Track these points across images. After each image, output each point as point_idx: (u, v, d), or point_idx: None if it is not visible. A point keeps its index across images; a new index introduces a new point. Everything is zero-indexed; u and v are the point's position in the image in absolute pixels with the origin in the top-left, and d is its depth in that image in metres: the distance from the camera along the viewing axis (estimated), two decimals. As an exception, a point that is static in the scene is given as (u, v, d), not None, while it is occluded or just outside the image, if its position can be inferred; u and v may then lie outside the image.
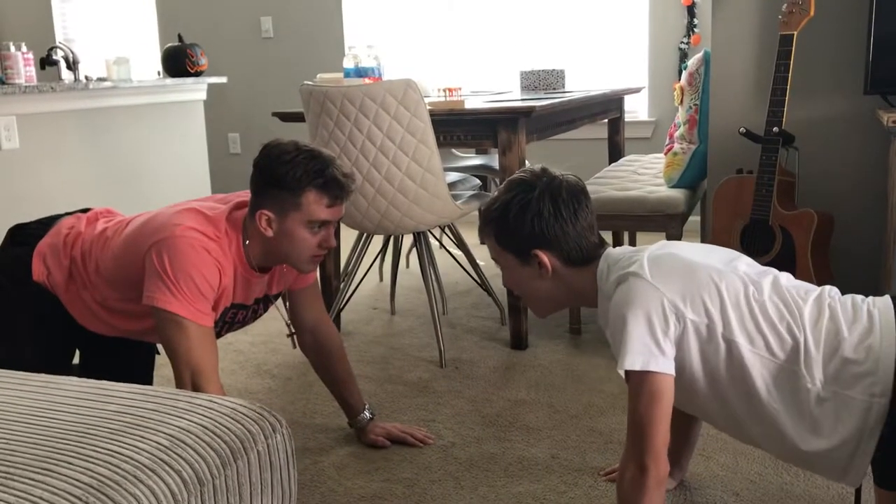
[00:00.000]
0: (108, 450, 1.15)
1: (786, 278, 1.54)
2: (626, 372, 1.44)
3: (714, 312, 1.45)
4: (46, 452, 1.14)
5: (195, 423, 1.25)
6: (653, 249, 1.57)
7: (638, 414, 1.44)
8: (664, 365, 1.43)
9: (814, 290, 1.51)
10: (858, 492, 1.67)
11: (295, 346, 2.27)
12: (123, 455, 1.14)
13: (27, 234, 2.08)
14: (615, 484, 1.89)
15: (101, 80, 3.80)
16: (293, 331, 2.23)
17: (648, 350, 1.42)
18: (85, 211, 2.15)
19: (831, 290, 1.51)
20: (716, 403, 1.51)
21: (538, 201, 1.59)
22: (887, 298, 1.48)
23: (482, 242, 1.72)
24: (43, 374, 1.45)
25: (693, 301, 1.45)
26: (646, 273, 1.48)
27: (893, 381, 1.35)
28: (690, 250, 1.59)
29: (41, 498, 1.04)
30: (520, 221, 1.60)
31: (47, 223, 2.09)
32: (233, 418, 1.29)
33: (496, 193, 1.68)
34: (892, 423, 1.36)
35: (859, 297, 1.50)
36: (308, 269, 2.01)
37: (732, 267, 1.53)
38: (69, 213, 2.13)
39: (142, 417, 1.25)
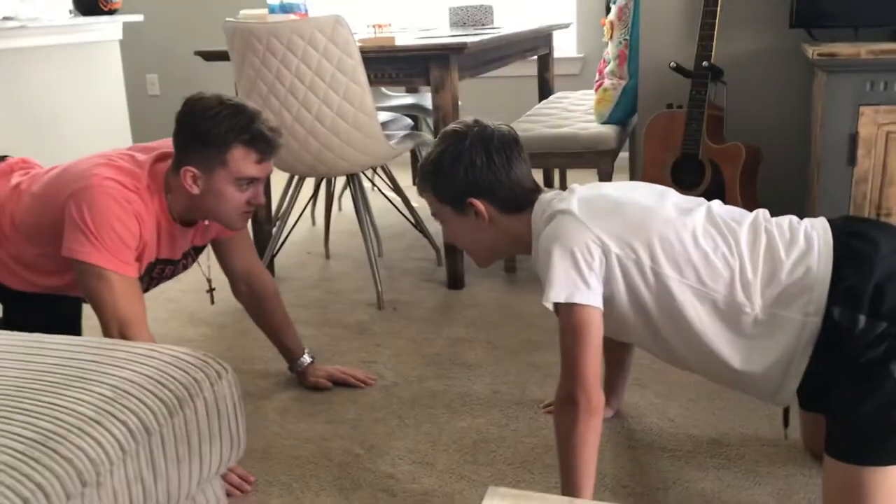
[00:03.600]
0: (50, 403, 1.12)
1: (718, 206, 1.57)
2: (555, 306, 1.46)
3: (640, 248, 1.47)
4: (-17, 408, 1.10)
5: (138, 372, 1.22)
6: (583, 189, 1.60)
7: (567, 347, 1.47)
8: (589, 297, 1.45)
9: (748, 215, 1.54)
10: (787, 411, 1.74)
11: (213, 302, 2.24)
12: (66, 408, 1.11)
13: None
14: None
15: (6, 19, 3.59)
16: (213, 286, 2.19)
17: (573, 283, 1.44)
18: (0, 160, 2.05)
19: (765, 214, 1.55)
20: (647, 333, 1.55)
21: (470, 150, 1.61)
22: (823, 220, 1.52)
23: (421, 196, 1.72)
24: (-29, 329, 1.39)
25: (619, 236, 1.47)
26: (574, 209, 1.50)
27: (826, 301, 1.40)
28: (621, 189, 1.62)
29: (-18, 455, 1.00)
30: (454, 172, 1.62)
31: None
32: (176, 366, 1.26)
33: (430, 148, 1.69)
34: (821, 342, 1.41)
35: (796, 219, 1.53)
36: (238, 227, 1.96)
37: (662, 202, 1.55)
38: None
39: (82, 369, 1.21)
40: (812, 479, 1.71)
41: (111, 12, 4.01)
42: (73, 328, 2.16)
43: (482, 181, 1.61)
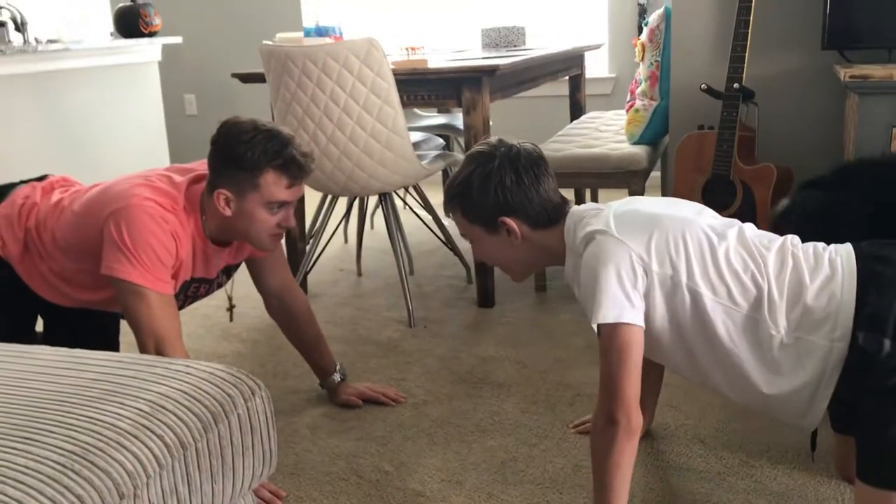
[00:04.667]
0: (89, 417, 1.15)
1: (750, 229, 1.58)
2: (598, 326, 1.47)
3: (678, 263, 1.48)
4: (26, 422, 1.14)
5: (174, 388, 1.25)
6: (617, 205, 1.61)
7: (609, 366, 1.47)
8: (634, 317, 1.46)
9: (777, 239, 1.55)
10: (814, 435, 1.73)
11: (232, 320, 2.28)
12: (105, 422, 1.14)
13: None
14: (585, 436, 1.95)
15: (51, 41, 3.69)
16: (233, 304, 2.23)
17: (620, 303, 1.45)
18: (41, 179, 2.11)
19: (793, 239, 1.56)
20: (681, 352, 1.56)
21: (499, 170, 1.63)
22: (848, 246, 1.53)
23: (447, 216, 1.74)
24: (15, 344, 1.44)
25: (658, 252, 1.49)
26: (612, 229, 1.51)
27: (853, 326, 1.41)
28: (654, 204, 1.63)
29: (26, 466, 1.04)
30: (484, 193, 1.64)
31: (1, 192, 2.05)
32: (211, 383, 1.29)
33: (457, 169, 1.71)
34: (849, 367, 1.41)
35: (821, 245, 1.54)
36: (268, 248, 2.00)
37: (697, 218, 1.56)
38: (24, 182, 2.09)
39: (120, 384, 1.25)
40: (844, 503, 1.69)
41: (151, 34, 4.11)
42: (111, 343, 2.21)
43: (513, 200, 1.63)
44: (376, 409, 2.22)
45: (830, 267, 1.47)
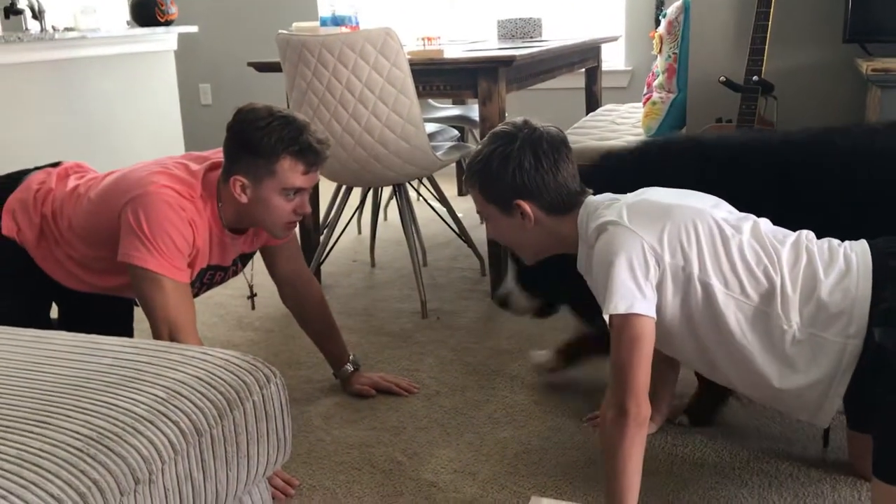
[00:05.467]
0: (106, 402, 1.15)
1: (765, 223, 1.57)
2: (610, 316, 1.46)
3: (691, 254, 1.47)
4: (43, 406, 1.15)
5: (190, 374, 1.26)
6: (630, 196, 1.60)
7: (620, 357, 1.47)
8: (646, 308, 1.45)
9: (791, 234, 1.54)
10: (827, 431, 1.72)
11: (253, 308, 2.28)
12: (121, 407, 1.15)
13: None
14: (598, 428, 1.94)
15: (68, 30, 3.71)
16: (254, 293, 2.23)
17: (631, 294, 1.45)
18: (55, 165, 2.12)
19: (808, 234, 1.55)
20: (692, 344, 1.55)
21: (519, 152, 1.62)
22: (864, 242, 1.51)
23: (465, 194, 1.73)
24: (32, 329, 1.44)
25: (671, 243, 1.48)
26: (624, 220, 1.50)
27: (867, 323, 1.39)
28: (668, 195, 1.62)
29: (41, 450, 1.04)
30: (502, 173, 1.63)
31: (16, 178, 2.06)
32: (227, 369, 1.29)
33: (479, 146, 1.69)
34: (864, 363, 1.40)
35: (836, 241, 1.53)
36: (282, 235, 2.00)
37: (712, 210, 1.55)
38: (39, 168, 2.10)
39: (136, 370, 1.25)
40: (861, 501, 1.68)
41: (167, 23, 4.11)
42: (126, 330, 2.23)
43: (530, 184, 1.62)
44: (389, 400, 2.22)
45: (845, 262, 1.46)
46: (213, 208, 1.91)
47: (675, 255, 1.48)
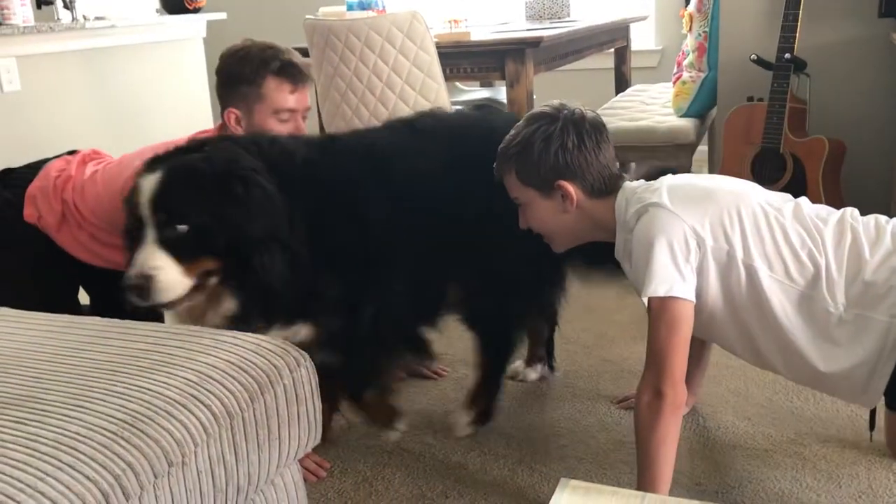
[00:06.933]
0: (139, 386, 1.17)
1: (807, 203, 1.54)
2: (648, 299, 1.45)
3: (734, 238, 1.45)
4: (79, 390, 1.16)
5: (222, 358, 1.27)
6: (671, 179, 1.57)
7: (658, 340, 1.45)
8: (685, 291, 1.44)
9: (835, 213, 1.51)
10: (873, 413, 1.69)
11: None
12: (154, 391, 1.16)
13: (16, 178, 2.09)
14: (629, 411, 1.93)
15: (98, 19, 3.73)
16: None
17: (670, 277, 1.43)
18: (72, 153, 2.16)
19: (853, 212, 1.51)
20: (734, 328, 1.53)
21: (562, 132, 1.59)
22: None
23: (499, 177, 1.71)
24: (67, 315, 1.46)
25: (713, 227, 1.46)
26: (665, 202, 1.48)
27: None
28: (709, 179, 1.60)
29: (77, 433, 1.06)
30: (544, 154, 1.60)
31: (36, 167, 2.11)
32: (258, 353, 1.30)
33: (514, 130, 1.67)
34: None
35: (883, 218, 1.49)
36: None
37: (753, 192, 1.53)
38: (57, 157, 2.14)
39: (169, 354, 1.27)
40: None
41: (196, 11, 4.12)
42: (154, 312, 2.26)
43: (573, 164, 1.60)
44: (419, 382, 2.23)
45: (892, 239, 1.43)
46: None
47: (718, 238, 1.46)
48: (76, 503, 0.96)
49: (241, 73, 1.90)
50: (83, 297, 2.25)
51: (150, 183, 1.54)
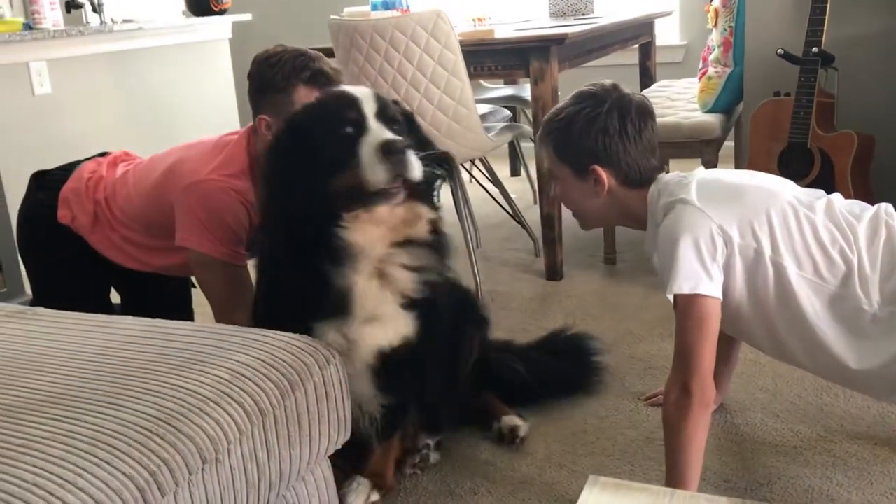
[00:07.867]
0: (173, 384, 1.19)
1: (838, 199, 1.53)
2: (675, 296, 1.45)
3: (762, 236, 1.45)
4: (115, 388, 1.19)
5: (252, 356, 1.29)
6: (702, 175, 1.57)
7: (685, 338, 1.45)
8: (711, 289, 1.44)
9: (869, 208, 1.50)
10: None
11: None
12: (187, 389, 1.18)
13: (50, 180, 2.13)
14: (656, 408, 1.93)
15: (126, 21, 3.78)
16: None
17: (697, 274, 1.43)
18: (103, 155, 2.20)
19: (888, 208, 1.50)
20: (761, 326, 1.52)
21: (606, 116, 1.58)
22: None
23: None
24: (103, 315, 1.49)
25: (741, 224, 1.45)
26: (693, 199, 1.48)
27: None
28: (739, 175, 1.59)
29: (113, 430, 1.08)
30: (584, 134, 1.59)
31: (69, 168, 2.15)
32: (288, 351, 1.32)
33: (561, 104, 1.66)
34: None
35: None
36: None
37: (783, 190, 1.52)
38: (88, 158, 2.18)
39: (202, 353, 1.29)
40: (927, 480, 1.65)
41: (221, 12, 4.17)
42: (185, 311, 2.29)
43: (611, 150, 1.59)
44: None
45: None
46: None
47: (746, 235, 1.45)
48: (114, 498, 0.99)
49: (272, 80, 1.91)
50: (114, 297, 2.29)
51: None
